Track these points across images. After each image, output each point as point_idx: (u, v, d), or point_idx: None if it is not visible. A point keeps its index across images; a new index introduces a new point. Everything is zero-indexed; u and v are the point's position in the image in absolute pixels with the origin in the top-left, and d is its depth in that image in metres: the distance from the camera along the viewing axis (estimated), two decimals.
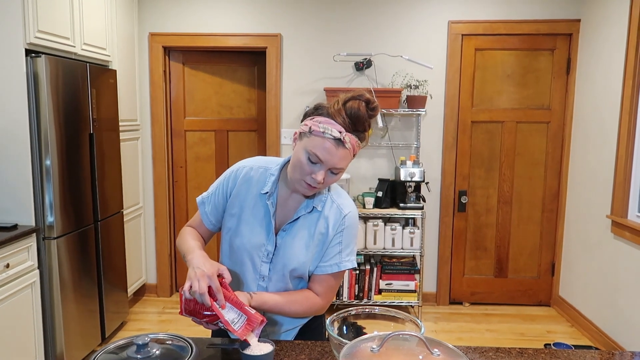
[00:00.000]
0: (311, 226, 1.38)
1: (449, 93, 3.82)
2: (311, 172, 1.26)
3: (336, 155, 1.23)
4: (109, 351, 1.04)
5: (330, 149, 1.22)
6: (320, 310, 1.43)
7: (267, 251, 1.38)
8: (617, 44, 3.20)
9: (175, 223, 4.18)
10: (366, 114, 1.24)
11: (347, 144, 1.23)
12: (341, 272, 1.41)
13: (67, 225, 2.78)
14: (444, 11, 3.76)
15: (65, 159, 2.75)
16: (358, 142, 1.27)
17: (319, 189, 1.31)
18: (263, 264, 1.39)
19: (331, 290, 1.43)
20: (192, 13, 3.83)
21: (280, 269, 1.38)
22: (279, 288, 1.41)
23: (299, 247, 1.37)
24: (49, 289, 2.71)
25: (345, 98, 1.26)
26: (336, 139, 1.22)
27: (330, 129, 1.22)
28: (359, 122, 1.24)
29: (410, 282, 3.68)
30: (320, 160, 1.24)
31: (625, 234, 3.05)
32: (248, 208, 1.40)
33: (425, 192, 3.82)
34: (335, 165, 1.25)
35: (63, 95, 2.72)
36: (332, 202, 1.39)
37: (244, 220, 1.40)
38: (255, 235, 1.38)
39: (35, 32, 2.55)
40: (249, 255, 1.39)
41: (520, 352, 1.32)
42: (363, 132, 1.27)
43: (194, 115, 4.12)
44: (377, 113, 1.27)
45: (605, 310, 3.29)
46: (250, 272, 1.41)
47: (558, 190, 3.91)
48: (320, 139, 1.23)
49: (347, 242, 1.40)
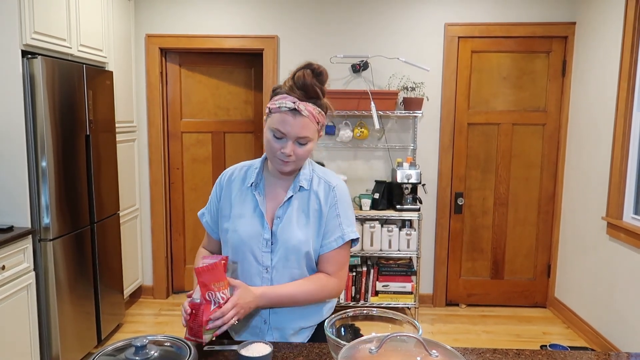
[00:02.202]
0: (304, 205, 1.41)
1: (446, 95, 3.84)
2: (280, 148, 1.33)
3: (295, 125, 1.30)
4: (106, 353, 1.04)
5: (288, 120, 1.30)
6: (335, 290, 1.44)
7: (265, 240, 1.40)
8: (612, 47, 3.22)
9: (171, 225, 4.17)
10: (313, 80, 1.31)
11: (304, 112, 1.30)
12: (347, 244, 1.43)
13: (63, 227, 2.77)
14: (441, 13, 3.78)
15: (61, 160, 2.74)
16: (318, 110, 1.34)
17: (294, 163, 1.36)
18: (264, 254, 1.40)
19: (342, 267, 1.44)
20: (188, 14, 3.83)
21: (283, 254, 1.39)
22: (285, 277, 1.40)
23: (296, 227, 1.39)
24: (45, 290, 2.70)
25: (293, 72, 1.34)
26: (291, 110, 1.30)
27: (284, 102, 1.30)
28: (308, 90, 1.31)
29: (406, 284, 3.69)
30: (283, 133, 1.31)
31: (621, 236, 3.06)
32: (238, 204, 1.44)
33: (421, 193, 3.83)
34: (298, 134, 1.31)
35: (59, 96, 2.71)
36: (318, 178, 1.45)
37: (236, 216, 1.43)
38: (250, 227, 1.40)
39: (31, 34, 2.54)
40: (249, 249, 1.40)
41: (517, 353, 1.32)
42: (317, 99, 1.34)
43: (190, 116, 4.11)
44: (325, 77, 1.34)
45: (601, 311, 3.30)
46: (254, 265, 1.41)
47: (554, 192, 3.93)
48: (278, 114, 1.31)
49: (345, 213, 1.43)
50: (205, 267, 1.23)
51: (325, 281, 1.41)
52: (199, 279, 1.23)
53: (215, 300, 1.23)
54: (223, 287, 1.25)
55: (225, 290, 1.26)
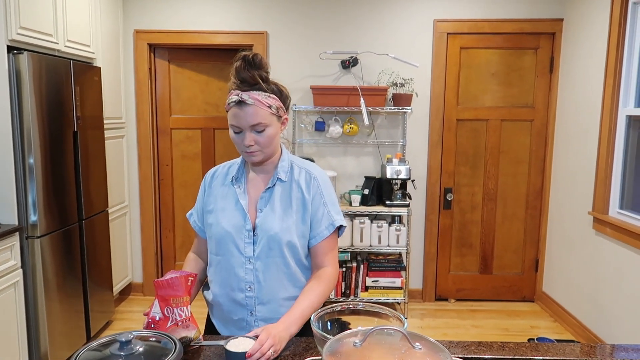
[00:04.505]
0: (285, 195, 1.44)
1: (435, 91, 3.85)
2: (242, 141, 1.37)
3: (244, 115, 1.34)
4: (91, 349, 1.04)
5: (237, 113, 1.35)
6: (335, 277, 1.48)
7: (247, 231, 1.42)
8: (598, 44, 3.25)
9: (161, 221, 4.16)
10: (248, 68, 1.34)
11: (248, 100, 1.34)
12: (336, 231, 1.48)
13: (50, 224, 2.75)
14: (430, 10, 3.79)
15: (48, 157, 2.72)
16: (265, 95, 1.36)
17: (261, 152, 1.39)
18: (246, 245, 1.42)
19: (334, 254, 1.49)
20: (177, 10, 3.81)
21: (266, 244, 1.41)
22: (269, 267, 1.42)
23: (277, 217, 1.42)
24: (33, 288, 2.68)
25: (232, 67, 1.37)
26: (237, 102, 1.35)
27: (230, 97, 1.36)
28: (247, 80, 1.35)
29: (396, 279, 3.71)
30: (237, 126, 1.37)
31: (607, 230, 3.10)
32: (221, 199, 1.48)
33: (411, 189, 3.85)
34: (250, 123, 1.35)
35: (46, 92, 2.69)
36: (299, 168, 1.48)
37: (218, 210, 1.46)
38: (232, 219, 1.43)
39: (17, 29, 2.51)
40: (232, 240, 1.42)
41: (501, 346, 1.34)
42: (257, 84, 1.35)
43: (180, 113, 4.09)
44: (262, 61, 1.37)
45: (587, 305, 3.34)
46: (237, 257, 1.43)
47: (541, 187, 3.96)
48: (230, 110, 1.37)
49: (330, 200, 1.47)
50: (165, 281, 1.21)
51: (327, 275, 1.44)
52: (158, 293, 1.22)
53: (173, 317, 1.21)
54: (182, 303, 1.23)
55: (185, 308, 1.23)
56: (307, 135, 3.90)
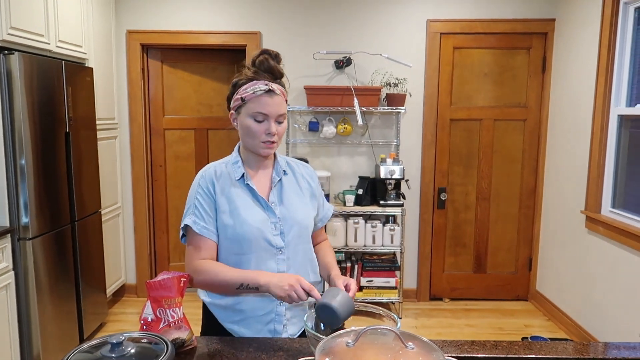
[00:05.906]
0: (294, 186, 1.53)
1: (428, 91, 3.86)
2: (264, 130, 1.40)
3: (274, 104, 1.39)
4: (82, 350, 1.03)
5: (267, 101, 1.38)
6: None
7: (273, 222, 1.44)
8: (590, 43, 3.27)
9: (154, 222, 4.14)
10: (274, 62, 1.43)
11: (277, 91, 1.39)
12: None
13: (42, 225, 2.73)
14: (423, 10, 3.80)
15: (40, 158, 2.70)
16: (283, 89, 1.44)
17: (277, 142, 1.44)
18: (274, 237, 1.44)
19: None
20: (170, 10, 3.80)
21: (296, 232, 1.47)
22: (298, 254, 1.48)
23: (297, 203, 1.50)
24: (25, 290, 2.66)
25: (253, 60, 1.44)
26: (267, 91, 1.38)
27: (258, 86, 1.38)
28: (274, 71, 1.42)
29: (390, 279, 3.71)
30: (265, 114, 1.38)
31: (599, 229, 3.12)
32: (236, 198, 1.44)
33: (405, 189, 3.85)
34: (278, 112, 1.40)
35: (38, 93, 2.67)
36: (295, 163, 1.59)
37: (239, 208, 1.42)
38: (255, 215, 1.43)
39: (7, 29, 2.49)
40: (262, 234, 1.42)
41: (494, 345, 1.34)
42: (280, 78, 1.45)
43: (173, 113, 4.08)
44: (280, 60, 1.46)
45: (580, 303, 3.36)
46: (268, 250, 1.43)
47: (535, 186, 3.98)
48: (255, 98, 1.38)
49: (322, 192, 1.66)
50: (157, 282, 1.20)
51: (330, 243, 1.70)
52: (150, 294, 1.21)
53: (165, 318, 1.21)
54: (174, 304, 1.23)
55: (177, 309, 1.23)
56: (301, 136, 3.90)
